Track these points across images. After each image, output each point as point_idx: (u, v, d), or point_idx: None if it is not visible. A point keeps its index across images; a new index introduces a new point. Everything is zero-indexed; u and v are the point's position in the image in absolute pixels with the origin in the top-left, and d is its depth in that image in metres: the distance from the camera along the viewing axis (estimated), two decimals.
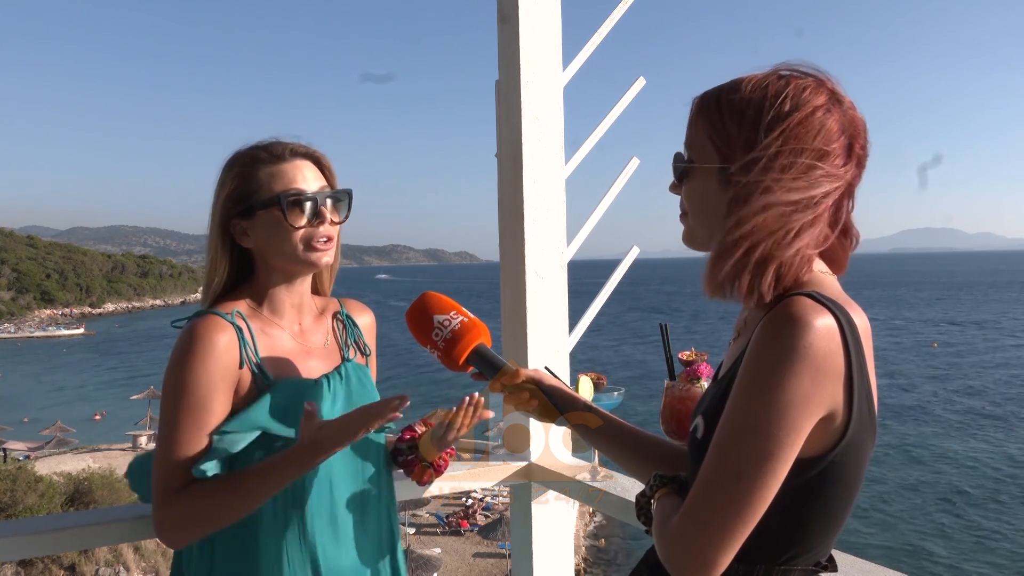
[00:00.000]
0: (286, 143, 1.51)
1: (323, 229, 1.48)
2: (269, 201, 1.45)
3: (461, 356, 1.36)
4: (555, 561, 2.28)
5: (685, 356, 1.69)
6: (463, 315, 1.39)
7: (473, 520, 26.06)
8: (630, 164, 2.49)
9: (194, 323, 1.43)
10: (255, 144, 1.52)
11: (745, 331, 1.12)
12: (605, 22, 2.41)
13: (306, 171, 1.49)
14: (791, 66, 1.08)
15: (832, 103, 1.05)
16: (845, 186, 1.06)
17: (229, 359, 1.42)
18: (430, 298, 1.41)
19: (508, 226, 2.30)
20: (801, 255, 1.03)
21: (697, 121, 1.11)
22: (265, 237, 1.47)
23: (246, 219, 1.47)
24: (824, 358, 0.94)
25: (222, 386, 1.41)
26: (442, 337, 1.36)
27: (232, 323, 1.44)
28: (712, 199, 1.09)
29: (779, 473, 0.95)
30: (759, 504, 0.95)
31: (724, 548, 0.95)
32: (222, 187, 1.49)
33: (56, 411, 43.09)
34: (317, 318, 1.62)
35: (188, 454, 1.38)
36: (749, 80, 1.07)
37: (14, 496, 17.94)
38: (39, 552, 1.71)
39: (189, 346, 1.40)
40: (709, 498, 0.96)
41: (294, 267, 1.50)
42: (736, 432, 0.96)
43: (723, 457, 0.96)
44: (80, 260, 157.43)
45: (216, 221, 1.49)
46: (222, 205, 1.48)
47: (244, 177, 1.47)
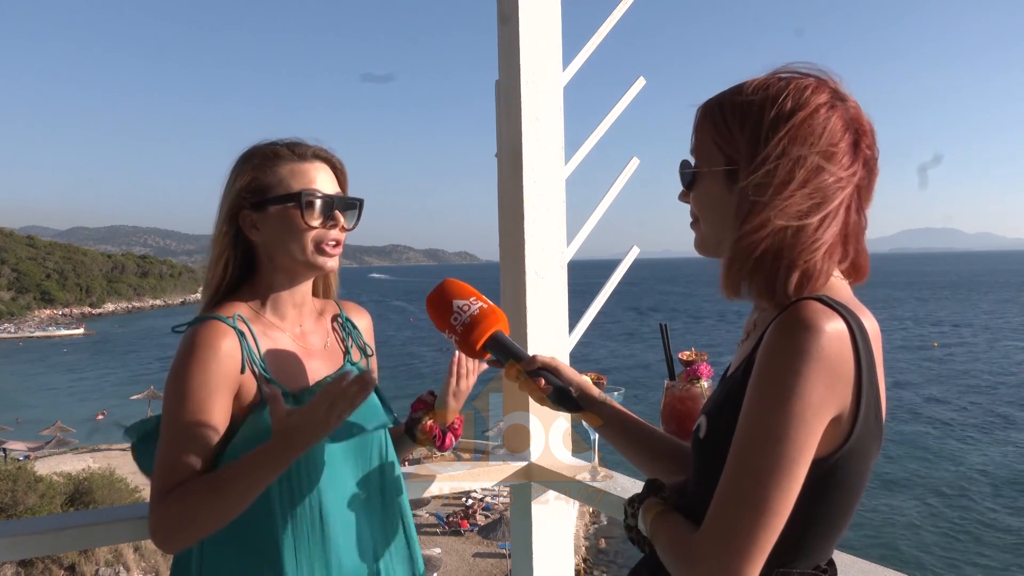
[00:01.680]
0: (309, 144, 1.52)
1: (334, 233, 1.49)
2: (287, 197, 1.45)
3: (479, 341, 1.38)
4: (555, 561, 2.28)
5: (685, 356, 1.70)
6: (482, 301, 1.40)
7: (473, 520, 26.05)
8: (630, 164, 2.49)
9: (195, 329, 1.42)
10: (276, 140, 1.52)
11: (754, 333, 1.11)
12: (605, 22, 2.41)
13: (324, 174, 1.50)
14: (792, 67, 1.08)
15: (835, 101, 1.05)
16: (855, 186, 1.05)
17: (231, 365, 1.41)
18: (450, 284, 1.43)
19: (508, 226, 2.30)
20: (818, 256, 1.02)
21: (701, 127, 1.11)
22: (275, 233, 1.47)
23: (258, 212, 1.47)
24: (836, 362, 0.94)
25: (223, 392, 1.40)
26: (460, 322, 1.38)
27: (234, 327, 1.43)
28: (721, 204, 1.09)
29: (801, 478, 0.95)
30: (785, 511, 0.95)
31: (757, 561, 0.94)
32: (237, 177, 1.48)
33: (56, 411, 43.08)
34: (317, 320, 1.61)
35: (184, 460, 1.37)
36: (751, 83, 1.08)
37: (15, 496, 17.94)
38: (39, 552, 1.71)
39: (190, 353, 1.39)
40: (736, 512, 0.95)
41: (300, 268, 1.50)
42: (756, 441, 0.95)
43: (746, 467, 0.96)
44: (80, 260, 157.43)
45: (225, 211, 1.48)
46: (235, 195, 1.48)
47: (263, 170, 1.47)
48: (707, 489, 1.04)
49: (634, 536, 1.18)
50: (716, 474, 1.01)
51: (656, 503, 1.14)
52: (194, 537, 1.37)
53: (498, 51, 2.32)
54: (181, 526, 1.34)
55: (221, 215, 1.49)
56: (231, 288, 1.52)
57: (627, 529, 1.20)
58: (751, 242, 1.02)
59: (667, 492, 1.16)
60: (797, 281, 1.02)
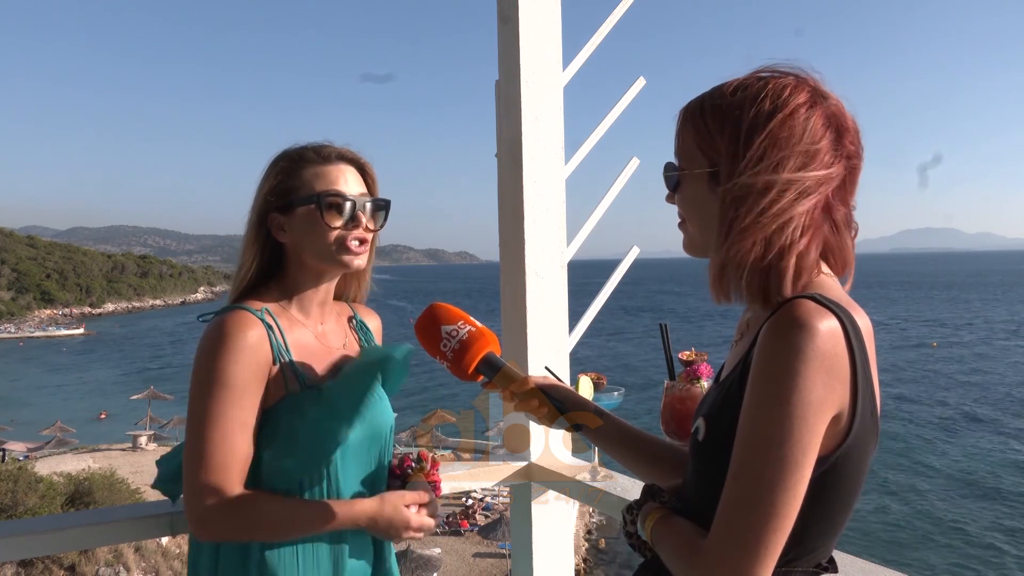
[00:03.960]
0: (334, 147, 1.55)
1: (357, 232, 1.51)
2: (309, 199, 1.48)
3: (470, 366, 1.37)
4: (555, 561, 2.28)
5: (685, 356, 1.69)
6: (471, 324, 1.39)
7: (473, 520, 26.04)
8: (630, 164, 2.49)
9: (223, 317, 1.43)
10: (305, 144, 1.56)
11: (748, 333, 1.12)
12: (605, 22, 2.41)
13: (349, 175, 1.53)
14: (771, 67, 1.08)
15: (815, 100, 1.05)
16: (838, 183, 1.05)
17: (261, 355, 1.42)
18: (437, 309, 1.41)
19: (508, 226, 2.30)
20: (806, 254, 1.03)
21: (684, 129, 1.12)
22: (301, 234, 1.50)
23: (284, 214, 1.50)
24: (831, 360, 0.94)
25: (255, 383, 1.41)
26: (450, 348, 1.37)
27: (262, 319, 1.45)
28: (706, 205, 1.09)
29: (806, 478, 0.95)
30: (793, 513, 0.95)
31: (768, 564, 0.95)
32: (266, 181, 1.52)
33: (56, 411, 43.08)
34: (336, 320, 1.65)
35: (233, 451, 1.38)
36: (730, 84, 1.08)
37: (15, 497, 17.93)
38: (39, 552, 1.71)
39: (221, 340, 1.40)
40: (745, 516, 0.95)
41: (326, 266, 1.52)
42: (759, 444, 0.95)
43: (753, 472, 0.95)
44: (80, 260, 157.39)
45: (256, 213, 1.52)
46: (264, 198, 1.51)
47: (288, 173, 1.51)
48: (706, 491, 1.04)
49: (634, 542, 1.18)
50: (716, 476, 1.01)
51: (656, 508, 1.14)
52: (243, 539, 1.43)
53: (498, 51, 2.32)
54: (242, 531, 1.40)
55: (251, 217, 1.53)
56: (257, 285, 1.54)
57: (627, 536, 1.19)
58: (737, 247, 1.02)
59: (665, 496, 1.16)
60: (786, 281, 1.02)
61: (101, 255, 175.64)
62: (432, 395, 37.42)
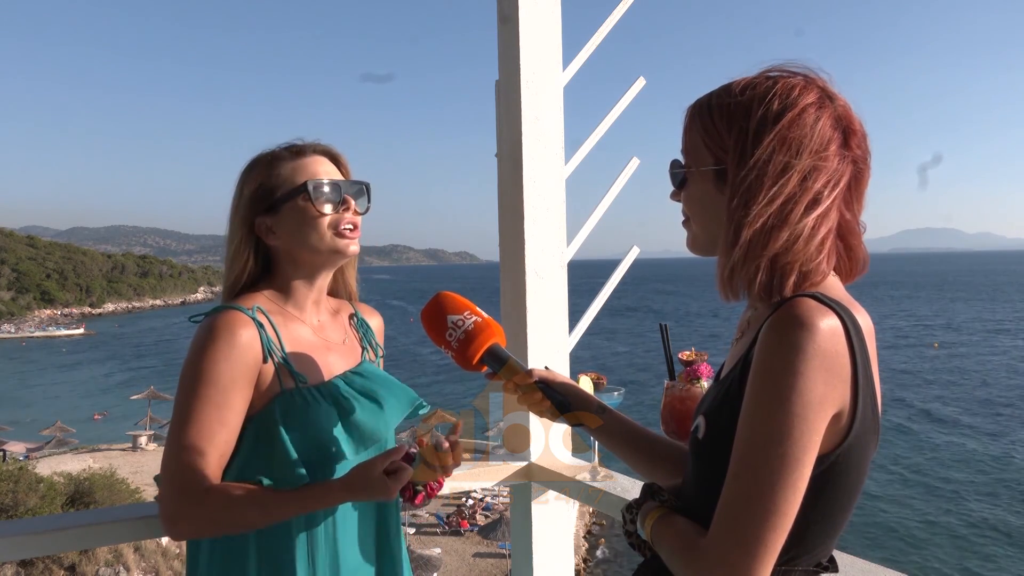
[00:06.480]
0: (305, 142, 1.56)
1: (349, 216, 1.51)
2: (294, 192, 1.48)
3: (475, 356, 1.37)
4: (555, 561, 2.28)
5: (685, 356, 1.69)
6: (477, 315, 1.39)
7: (473, 520, 26.04)
8: (630, 164, 2.49)
9: (214, 317, 1.43)
10: (274, 147, 1.56)
11: (748, 331, 1.12)
12: (605, 22, 2.41)
13: (325, 165, 1.54)
14: (780, 66, 1.08)
15: (823, 100, 1.05)
16: (845, 184, 1.05)
17: (251, 355, 1.42)
18: (444, 298, 1.41)
19: (508, 226, 2.30)
20: (813, 254, 1.03)
21: (691, 127, 1.12)
22: (292, 230, 1.49)
23: (271, 215, 1.50)
24: (832, 358, 0.94)
25: (242, 382, 1.41)
26: (456, 337, 1.37)
27: (253, 318, 1.44)
28: (711, 203, 1.09)
29: (806, 477, 0.95)
30: (793, 511, 0.95)
31: (768, 562, 0.95)
32: (244, 186, 1.52)
33: (56, 411, 43.07)
34: (333, 315, 1.64)
35: (207, 448, 1.37)
36: (739, 83, 1.08)
37: (16, 498, 17.92)
38: (39, 552, 1.71)
39: (209, 339, 1.40)
40: (745, 515, 0.95)
41: (323, 258, 1.52)
42: (760, 443, 0.95)
43: (751, 469, 0.95)
44: (80, 260, 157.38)
45: (239, 221, 1.51)
46: (246, 204, 1.51)
47: (267, 174, 1.51)
48: (706, 490, 1.04)
49: (634, 541, 1.18)
50: (716, 475, 1.01)
51: (655, 507, 1.14)
52: (218, 535, 1.42)
53: (498, 51, 2.32)
54: (214, 527, 1.38)
55: (234, 225, 1.52)
56: (249, 285, 1.54)
57: (626, 535, 1.19)
58: (746, 246, 1.02)
59: (665, 495, 1.16)
60: (794, 281, 1.02)
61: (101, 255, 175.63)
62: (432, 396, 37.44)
